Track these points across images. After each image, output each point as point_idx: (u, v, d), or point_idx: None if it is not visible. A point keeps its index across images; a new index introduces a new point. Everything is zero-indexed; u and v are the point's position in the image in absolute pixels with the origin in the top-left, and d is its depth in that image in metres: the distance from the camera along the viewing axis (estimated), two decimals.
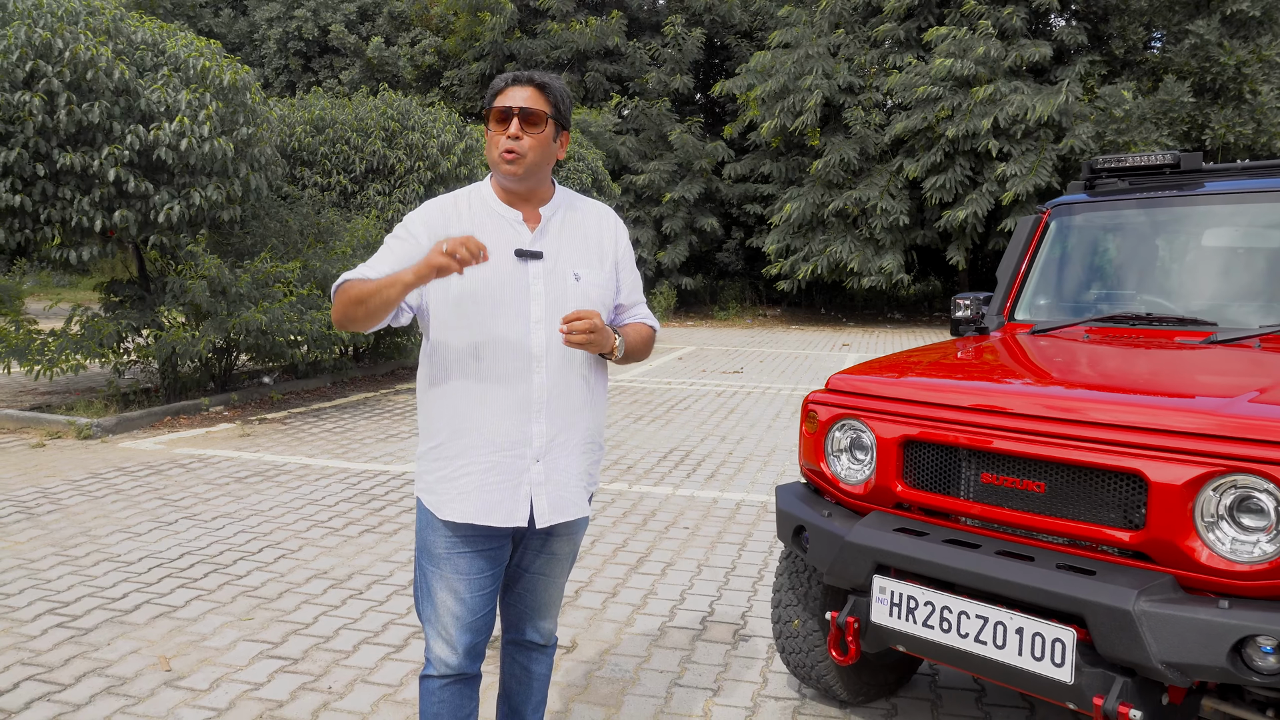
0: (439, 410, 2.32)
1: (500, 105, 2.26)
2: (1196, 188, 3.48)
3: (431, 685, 2.40)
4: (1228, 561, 2.11)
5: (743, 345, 16.12)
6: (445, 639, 2.35)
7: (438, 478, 2.31)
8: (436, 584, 2.35)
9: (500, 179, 2.33)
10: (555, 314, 2.28)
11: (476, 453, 2.27)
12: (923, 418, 2.63)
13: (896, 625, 2.51)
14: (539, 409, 2.28)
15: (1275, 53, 18.42)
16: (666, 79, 21.11)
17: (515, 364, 2.27)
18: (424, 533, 2.37)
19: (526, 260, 2.30)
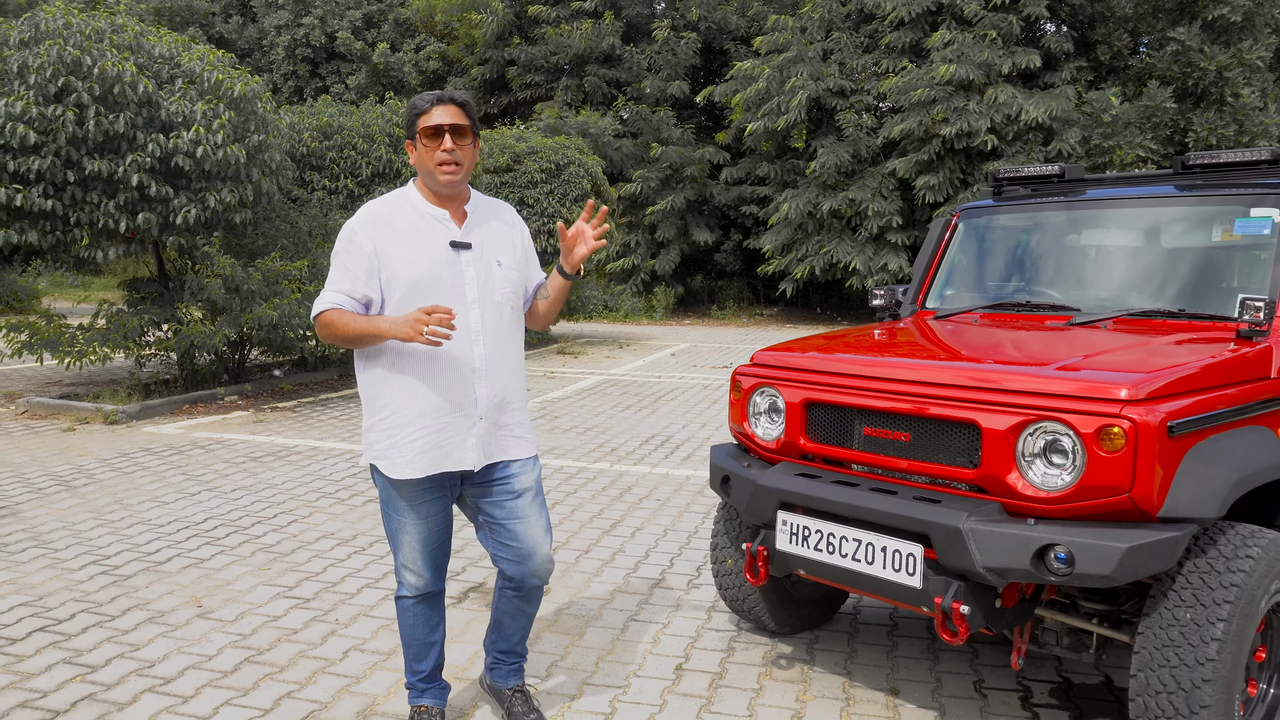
0: (391, 383, 2.75)
1: (432, 124, 2.71)
2: (1078, 194, 4.06)
3: (406, 604, 2.95)
4: (1038, 490, 2.69)
5: (736, 343, 16.68)
6: (414, 570, 2.89)
7: (391, 443, 2.76)
8: (403, 529, 2.85)
9: (436, 186, 2.78)
10: (485, 295, 2.79)
11: (432, 416, 2.73)
12: (821, 384, 3.21)
13: (795, 550, 3.09)
14: (480, 375, 2.77)
15: (1256, 56, 18.93)
16: (663, 84, 21.68)
17: (461, 338, 2.73)
18: (386, 492, 2.85)
19: (459, 251, 2.79)
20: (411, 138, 2.81)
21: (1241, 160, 3.68)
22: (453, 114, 2.73)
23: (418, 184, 2.87)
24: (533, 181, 14.18)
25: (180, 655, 3.61)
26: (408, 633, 2.99)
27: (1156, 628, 2.64)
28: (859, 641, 3.87)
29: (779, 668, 3.61)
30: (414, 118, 2.78)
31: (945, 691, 3.43)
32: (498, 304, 2.84)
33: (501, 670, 3.13)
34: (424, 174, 2.80)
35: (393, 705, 3.25)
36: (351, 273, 2.75)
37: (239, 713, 3.18)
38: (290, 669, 3.51)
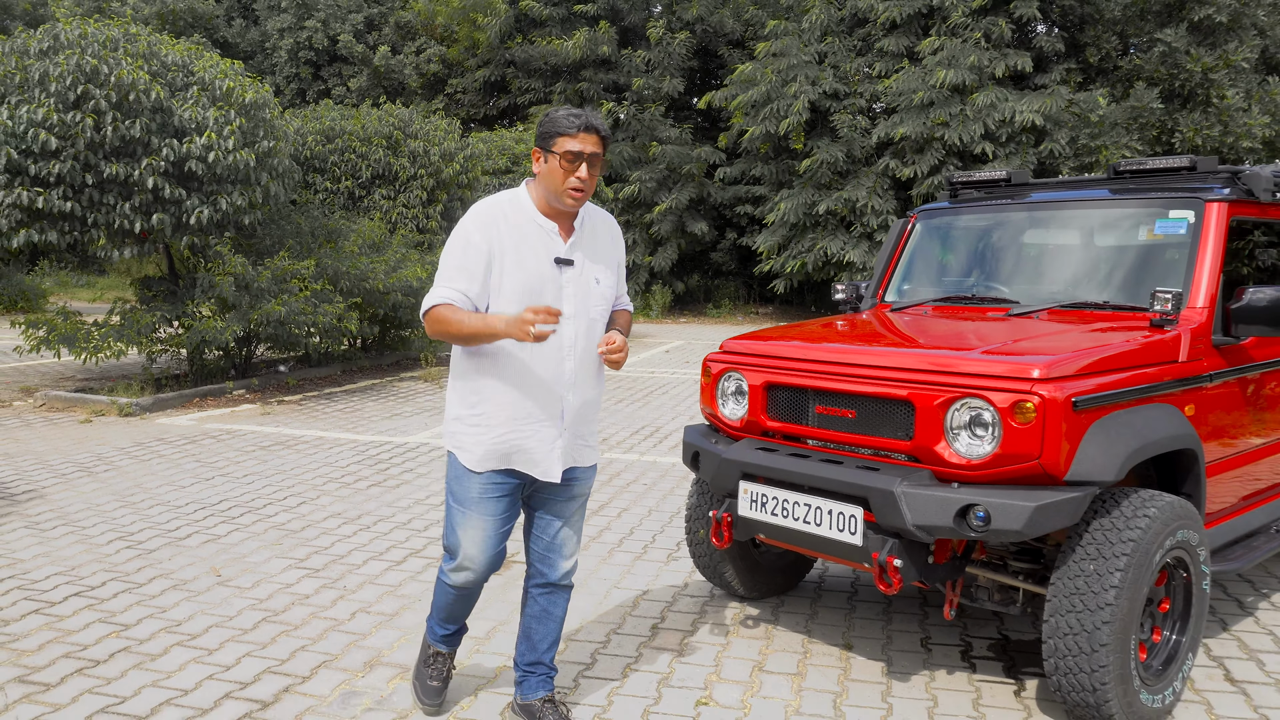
0: (487, 385, 2.84)
1: (574, 150, 2.75)
2: (1024, 197, 4.43)
3: (450, 590, 3.04)
4: (963, 458, 3.06)
5: None
6: (470, 565, 2.95)
7: (476, 440, 2.85)
8: (466, 522, 2.91)
9: (559, 205, 2.82)
10: (582, 311, 2.87)
11: (521, 422, 2.83)
12: (780, 368, 3.59)
13: (755, 516, 3.47)
14: (569, 387, 2.87)
15: (1241, 58, 19.28)
16: (656, 84, 22.05)
17: (554, 352, 2.83)
18: (458, 482, 2.91)
19: (562, 267, 2.85)
20: (545, 149, 2.81)
21: (1166, 167, 4.05)
22: (594, 143, 2.78)
23: (531, 190, 2.90)
24: None
25: (204, 616, 3.99)
26: (443, 603, 3.10)
27: (1065, 578, 3.02)
28: (820, 605, 4.25)
29: (745, 627, 3.98)
30: (554, 134, 2.79)
31: (894, 646, 3.80)
32: (591, 320, 2.90)
33: (530, 683, 3.12)
34: (549, 190, 2.81)
35: (396, 657, 3.62)
36: (468, 271, 2.78)
37: (259, 663, 3.56)
38: (304, 627, 3.89)
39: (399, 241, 10.82)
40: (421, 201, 11.66)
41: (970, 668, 3.61)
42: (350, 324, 9.75)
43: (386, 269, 10.27)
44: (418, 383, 10.75)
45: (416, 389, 10.31)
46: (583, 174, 2.76)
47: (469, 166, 12.17)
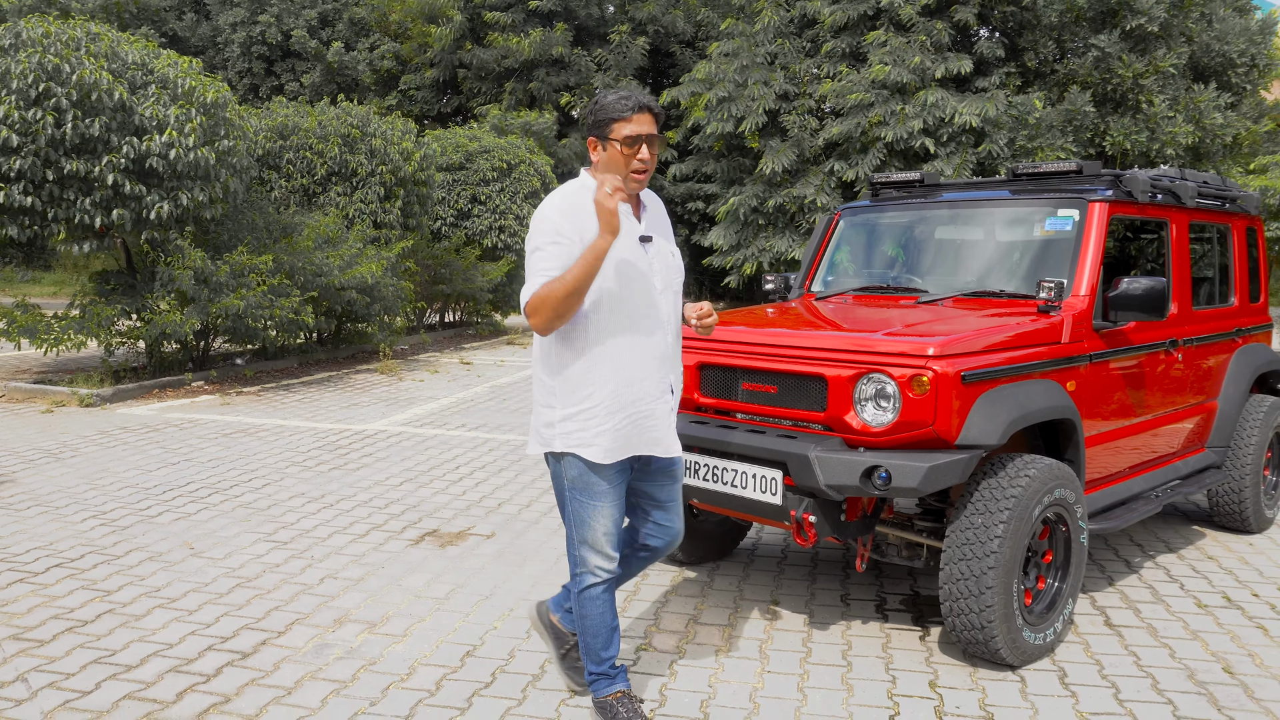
0: (595, 376, 2.84)
1: (633, 133, 2.80)
2: (936, 196, 4.88)
3: (595, 592, 2.99)
4: (868, 426, 3.47)
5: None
6: (604, 555, 2.95)
7: (597, 431, 2.84)
8: (598, 515, 2.91)
9: (626, 188, 2.85)
10: (668, 284, 2.96)
11: (635, 405, 2.86)
12: (712, 350, 3.98)
13: (690, 482, 3.85)
14: (669, 362, 2.96)
15: (1169, 65, 20.10)
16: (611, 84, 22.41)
17: (656, 327, 2.89)
18: (583, 481, 2.89)
19: (644, 245, 2.92)
20: (600, 137, 2.86)
21: (1057, 170, 4.51)
22: (650, 123, 2.82)
23: (595, 176, 2.90)
24: (484, 180, 14.85)
25: (180, 582, 4.30)
26: (596, 622, 3.00)
27: (957, 531, 3.45)
28: (751, 569, 4.65)
29: (682, 588, 4.37)
30: (609, 120, 2.82)
31: (816, 602, 4.22)
32: (675, 292, 3.01)
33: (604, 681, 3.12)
34: (611, 175, 2.83)
35: (363, 614, 3.96)
36: (560, 261, 2.77)
37: (236, 621, 3.87)
38: (276, 591, 4.21)
39: (355, 237, 11.07)
40: (379, 197, 11.91)
41: (883, 618, 4.03)
42: (307, 318, 9.99)
43: (342, 264, 10.52)
44: (374, 375, 11.01)
45: (373, 381, 10.58)
46: (644, 155, 2.82)
47: (425, 165, 12.44)
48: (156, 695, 3.22)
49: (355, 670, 3.43)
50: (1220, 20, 21.62)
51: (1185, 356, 4.75)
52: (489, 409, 8.94)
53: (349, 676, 3.38)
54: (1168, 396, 4.65)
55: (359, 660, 3.52)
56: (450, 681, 3.36)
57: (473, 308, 15.89)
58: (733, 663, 3.57)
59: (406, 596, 4.17)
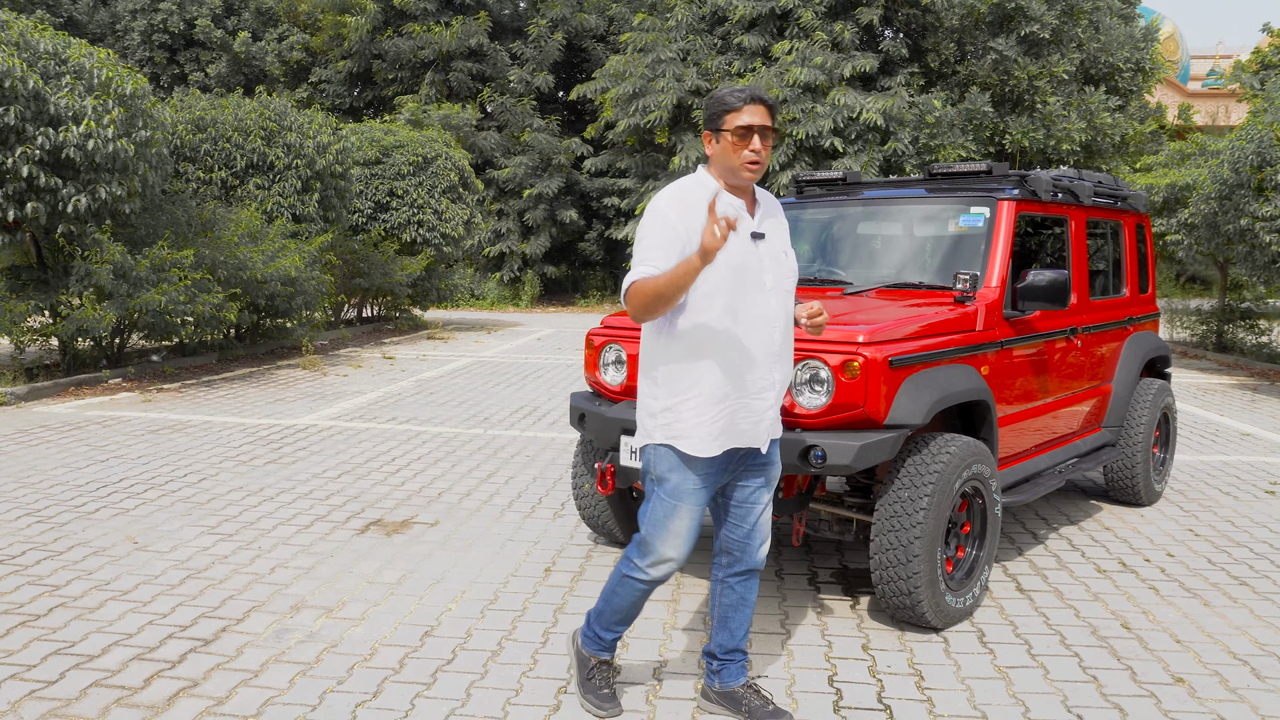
0: (699, 368, 2.84)
1: (745, 124, 2.79)
2: (857, 194, 5.18)
3: (638, 585, 3.02)
4: (805, 409, 3.73)
5: None
6: (675, 556, 2.96)
7: (695, 423, 2.84)
8: (682, 513, 2.91)
9: (738, 180, 2.87)
10: (778, 283, 2.92)
11: (735, 398, 2.86)
12: None
13: (633, 464, 4.06)
14: (776, 359, 2.93)
15: (1062, 70, 21.07)
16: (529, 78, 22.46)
17: (763, 325, 2.87)
18: (677, 473, 2.89)
19: (756, 241, 2.90)
20: (714, 130, 2.87)
21: (969, 170, 4.85)
22: (763, 115, 2.82)
23: (711, 172, 2.94)
24: (401, 174, 14.79)
25: (129, 576, 4.32)
26: (621, 602, 3.07)
27: (886, 505, 3.73)
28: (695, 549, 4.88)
29: None
30: (722, 112, 2.85)
31: None
32: (786, 292, 2.97)
33: (731, 670, 3.16)
34: (725, 168, 2.87)
35: (319, 600, 4.06)
36: (664, 250, 2.79)
37: (193, 610, 3.94)
38: (228, 581, 4.28)
39: (276, 231, 10.96)
40: (297, 190, 11.80)
41: (816, 590, 4.30)
42: (229, 314, 9.88)
43: (264, 258, 10.42)
44: (297, 370, 10.94)
45: (297, 376, 10.52)
46: (756, 146, 2.81)
47: (343, 158, 12.37)
48: (123, 682, 3.29)
49: (318, 652, 3.55)
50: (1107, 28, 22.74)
51: (1084, 343, 5.15)
52: (417, 403, 9.01)
53: (313, 658, 3.50)
54: (1068, 380, 5.04)
55: (321, 643, 3.64)
56: (413, 660, 3.51)
57: (392, 302, 15.81)
58: (679, 634, 3.79)
59: (359, 582, 4.29)
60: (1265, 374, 12.02)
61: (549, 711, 3.12)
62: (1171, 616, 4.01)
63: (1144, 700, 3.25)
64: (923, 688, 3.33)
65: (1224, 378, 11.70)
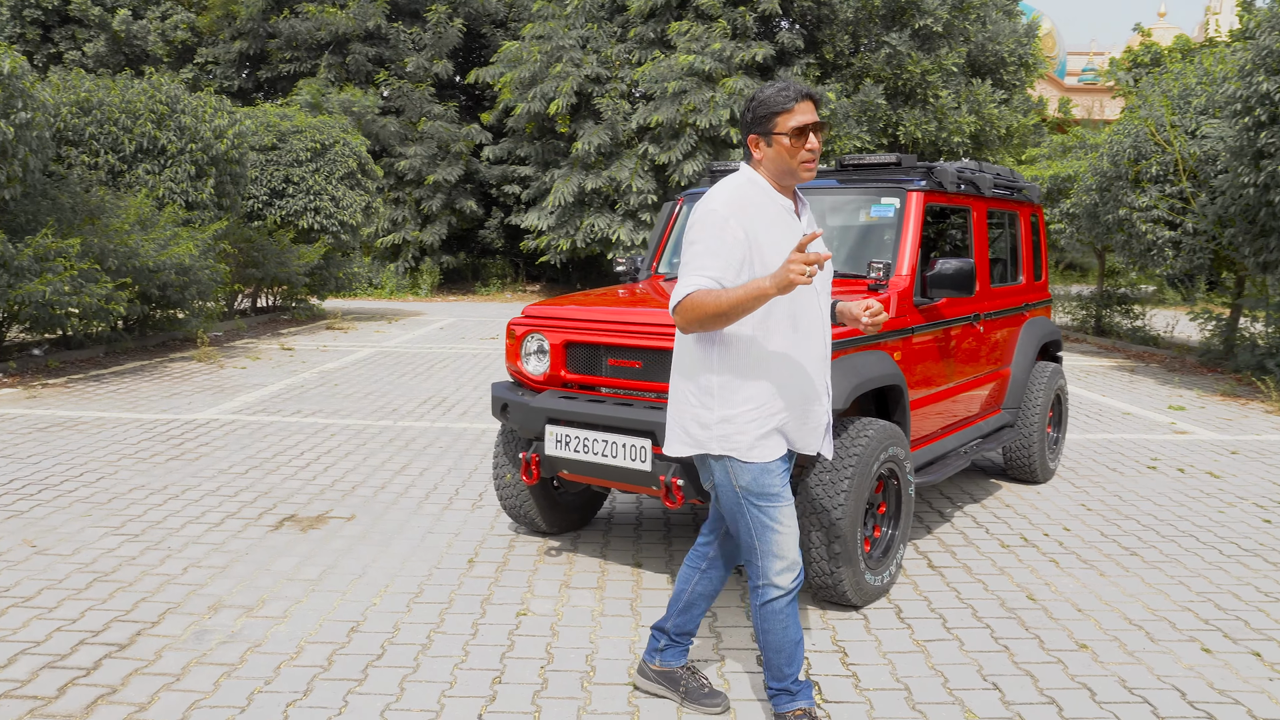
0: (757, 376, 2.75)
1: (800, 124, 2.69)
2: None
3: (779, 605, 2.84)
4: None
5: (501, 317, 17.53)
6: (790, 559, 2.81)
7: (760, 434, 2.75)
8: (780, 516, 2.79)
9: (792, 181, 2.78)
10: (824, 286, 2.87)
11: (798, 406, 2.81)
12: (577, 328, 4.21)
13: (559, 453, 4.08)
14: (826, 362, 2.90)
15: (951, 63, 21.76)
16: (427, 64, 22.06)
17: (818, 330, 2.81)
18: (758, 481, 2.76)
19: None
20: (764, 133, 2.75)
21: (879, 163, 4.99)
22: (813, 111, 2.73)
23: (760, 171, 2.83)
24: (298, 160, 14.39)
25: (31, 581, 4.13)
26: (779, 637, 2.86)
27: (809, 488, 3.83)
28: (611, 536, 4.93)
29: (550, 556, 4.60)
30: (771, 115, 2.73)
31: (676, 562, 4.53)
32: (827, 294, 2.92)
33: (674, 651, 3.16)
34: (781, 170, 2.76)
35: (237, 599, 3.96)
36: (722, 259, 2.67)
37: (104, 614, 3.79)
38: (138, 583, 4.13)
39: (168, 219, 10.54)
40: (190, 176, 11.36)
41: (738, 571, 4.39)
42: (119, 305, 9.48)
43: (156, 247, 10.02)
44: (192, 363, 10.56)
45: (191, 369, 10.16)
46: (813, 145, 2.71)
47: (238, 143, 11.95)
48: (35, 692, 3.16)
49: (242, 653, 3.47)
50: (993, 22, 23.57)
51: (985, 329, 5.37)
52: (321, 395, 8.81)
53: (236, 659, 3.42)
54: (972, 365, 5.25)
55: (243, 643, 3.55)
56: (341, 656, 3.46)
57: (288, 292, 15.39)
58: (609, 620, 3.83)
59: (278, 580, 4.19)
60: (1141, 356, 12.71)
61: (485, 702, 3.12)
62: (1072, 587, 4.24)
63: (1053, 667, 3.43)
64: (847, 664, 3.45)
65: (1104, 360, 12.32)
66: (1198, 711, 3.11)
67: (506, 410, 4.34)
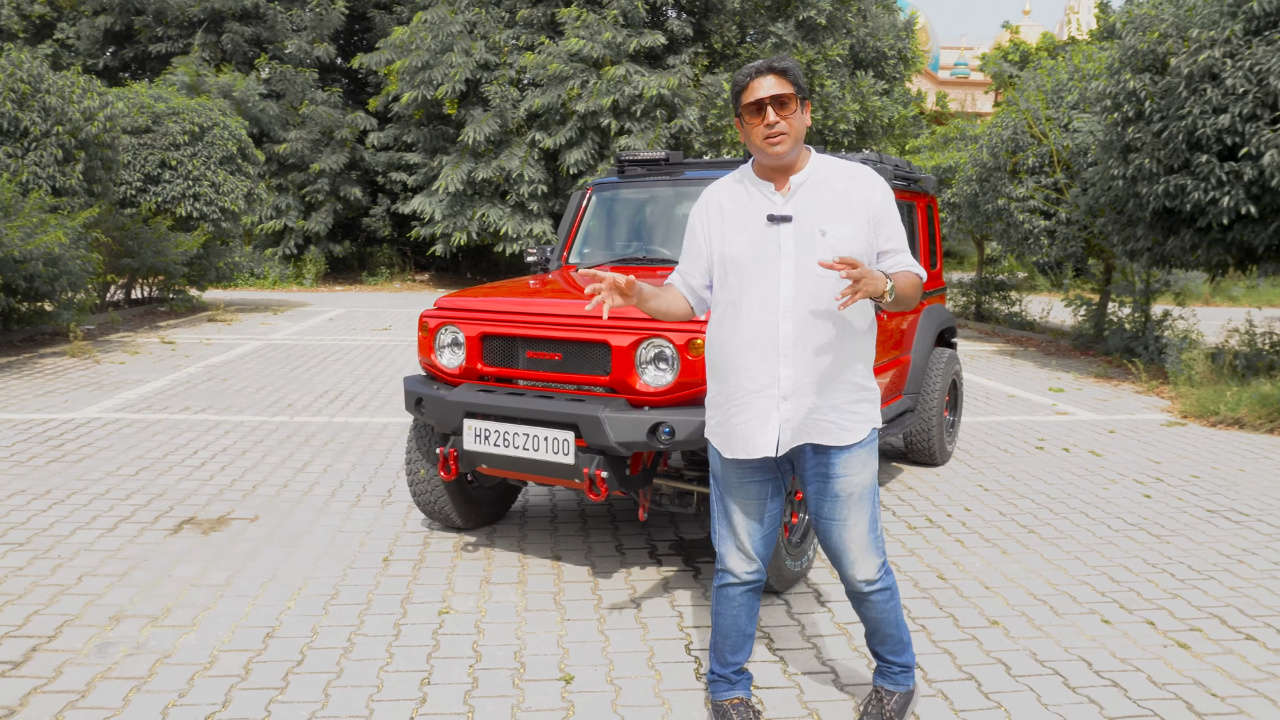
0: (714, 363, 2.77)
1: (754, 99, 2.59)
2: (679, 174, 5.29)
3: (729, 592, 2.86)
4: (650, 387, 3.80)
5: (392, 307, 17.17)
6: (740, 553, 2.82)
7: (717, 422, 2.76)
8: (729, 509, 2.80)
9: (766, 160, 2.65)
10: (803, 269, 2.61)
11: (737, 398, 2.69)
12: (494, 321, 4.14)
13: (479, 448, 4.01)
14: (785, 354, 2.63)
15: (836, 54, 22.25)
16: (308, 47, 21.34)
17: (766, 315, 2.64)
18: (717, 469, 2.81)
19: (778, 224, 2.64)
20: (737, 115, 2.70)
21: None
22: (773, 84, 2.60)
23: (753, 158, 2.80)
24: (175, 144, 13.74)
25: None
26: (728, 622, 2.88)
27: None
28: (527, 529, 4.88)
29: (467, 552, 4.52)
30: (736, 95, 2.67)
31: (595, 554, 4.52)
32: (819, 277, 2.61)
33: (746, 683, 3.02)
34: (753, 150, 2.70)
35: (140, 608, 3.77)
36: (688, 255, 2.86)
37: None
38: (29, 595, 3.89)
39: (33, 205, 9.91)
40: (57, 160, 10.70)
41: (658, 563, 4.41)
42: None
43: (22, 235, 9.41)
44: (64, 358, 9.99)
45: (65, 364, 9.61)
46: (770, 119, 2.59)
47: (110, 126, 11.32)
48: None
49: (150, 665, 3.30)
50: (873, 17, 24.22)
51: (889, 317, 5.50)
52: (210, 390, 8.45)
53: (146, 671, 3.25)
54: (878, 352, 5.36)
55: (151, 654, 3.38)
56: (259, 664, 3.32)
57: (166, 282, 14.70)
58: (533, 615, 3.79)
59: (182, 586, 4.01)
60: (1019, 340, 13.30)
61: (416, 705, 3.06)
62: (978, 565, 4.41)
63: (968, 644, 3.56)
64: (774, 649, 3.51)
65: (986, 345, 12.85)
66: (1104, 680, 3.27)
67: (421, 405, 4.25)
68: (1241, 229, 8.46)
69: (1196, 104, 8.32)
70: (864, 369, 2.75)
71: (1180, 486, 5.79)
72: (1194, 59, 8.38)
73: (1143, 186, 9.07)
